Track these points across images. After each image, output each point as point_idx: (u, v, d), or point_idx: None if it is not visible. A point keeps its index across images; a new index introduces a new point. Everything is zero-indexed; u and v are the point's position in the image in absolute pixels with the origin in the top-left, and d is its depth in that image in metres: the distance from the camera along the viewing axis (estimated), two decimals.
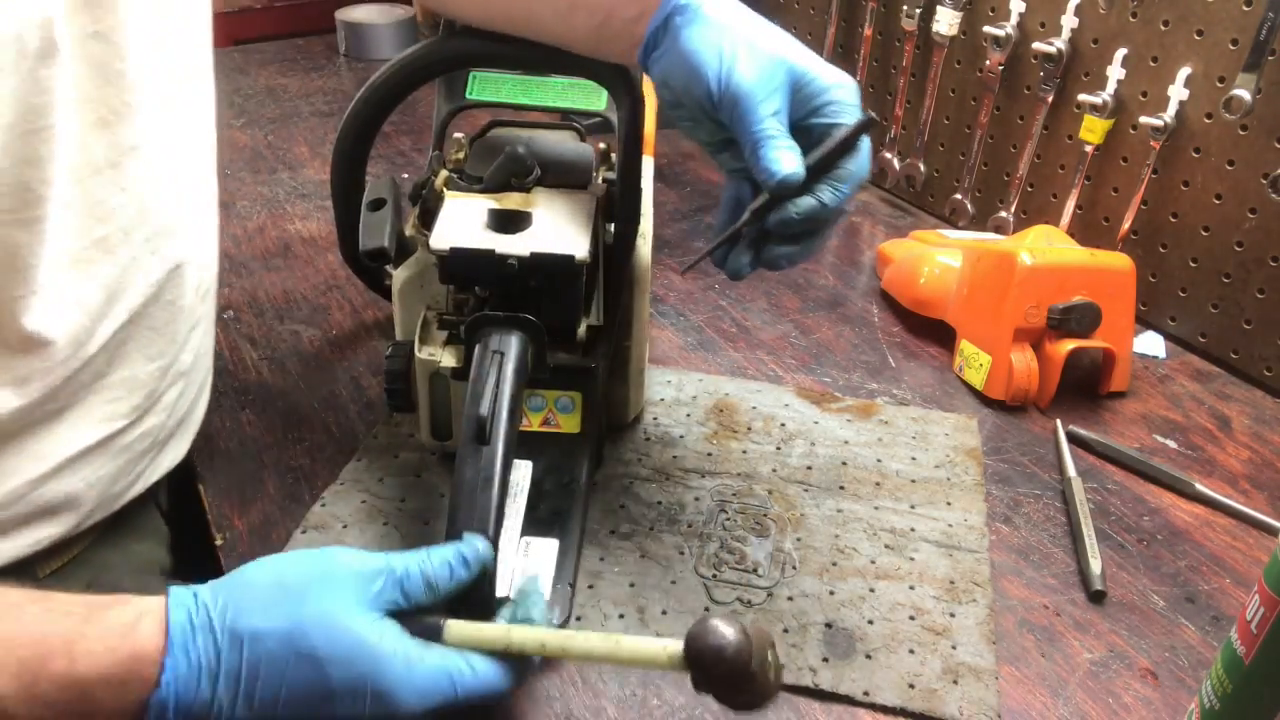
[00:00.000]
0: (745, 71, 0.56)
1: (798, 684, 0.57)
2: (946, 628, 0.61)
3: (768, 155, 0.56)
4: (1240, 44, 0.81)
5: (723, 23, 0.58)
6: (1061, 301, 0.79)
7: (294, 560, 0.48)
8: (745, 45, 0.57)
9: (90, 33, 0.53)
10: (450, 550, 0.50)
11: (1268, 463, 0.77)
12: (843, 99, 0.58)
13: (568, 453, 0.69)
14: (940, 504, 0.71)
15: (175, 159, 0.62)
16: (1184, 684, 0.59)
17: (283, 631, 0.44)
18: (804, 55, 0.58)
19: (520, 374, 0.60)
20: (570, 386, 0.68)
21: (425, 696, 0.46)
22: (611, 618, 0.61)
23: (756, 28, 0.58)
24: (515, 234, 0.64)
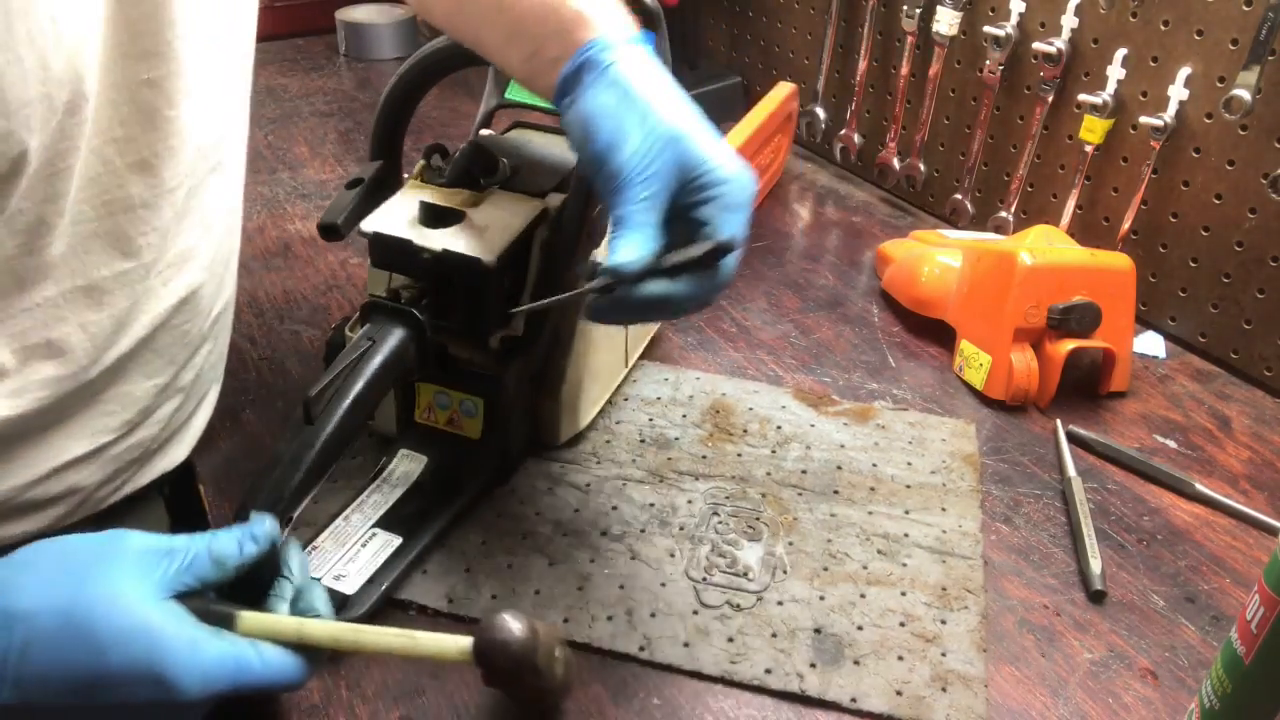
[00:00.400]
0: (630, 149, 0.55)
1: (784, 689, 0.57)
2: (937, 634, 0.61)
3: (615, 240, 0.55)
4: (1240, 44, 0.81)
5: (626, 88, 0.56)
6: (1061, 301, 0.79)
7: (78, 541, 0.47)
8: (639, 119, 0.55)
9: (143, 79, 0.54)
10: (238, 529, 0.50)
11: (1268, 463, 0.77)
12: (725, 202, 0.55)
13: (463, 457, 0.69)
14: (935, 510, 0.70)
15: (210, 197, 0.63)
16: (1184, 684, 0.59)
17: (60, 610, 0.43)
18: (702, 138, 0.56)
19: (391, 366, 0.60)
20: (475, 391, 0.68)
21: (209, 682, 0.45)
22: (600, 619, 0.61)
23: (660, 98, 0.57)
24: (440, 229, 0.65)
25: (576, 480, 0.72)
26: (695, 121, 0.56)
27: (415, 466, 0.69)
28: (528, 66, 0.62)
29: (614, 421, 0.78)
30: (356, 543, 0.64)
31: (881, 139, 1.18)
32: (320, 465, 0.56)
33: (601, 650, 0.60)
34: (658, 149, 0.55)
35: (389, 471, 0.69)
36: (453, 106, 1.34)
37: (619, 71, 0.57)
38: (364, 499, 0.67)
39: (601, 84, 0.57)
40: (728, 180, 0.55)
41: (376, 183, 0.72)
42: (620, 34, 0.59)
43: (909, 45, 1.09)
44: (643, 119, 0.55)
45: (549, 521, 0.69)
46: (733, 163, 0.56)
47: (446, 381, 0.69)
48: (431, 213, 0.67)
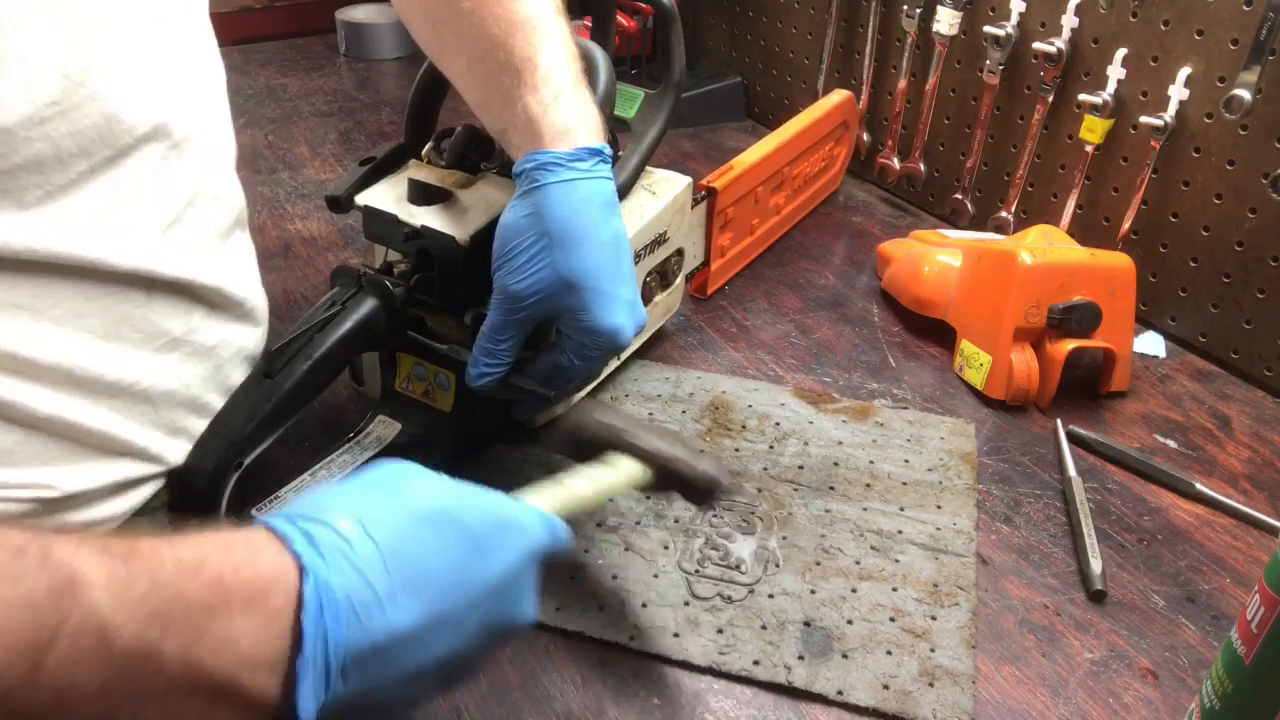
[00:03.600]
0: (522, 280, 0.57)
1: (772, 681, 0.58)
2: (926, 630, 0.61)
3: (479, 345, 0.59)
4: (1240, 44, 0.81)
5: (543, 215, 0.57)
6: (1061, 301, 0.79)
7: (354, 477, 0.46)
8: (543, 252, 0.57)
9: None
10: None
11: (1268, 463, 0.77)
12: (583, 347, 0.59)
13: (433, 428, 0.71)
14: (930, 507, 0.70)
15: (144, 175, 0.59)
16: (1184, 684, 0.59)
17: (396, 505, 0.42)
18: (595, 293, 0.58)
19: (357, 331, 0.63)
20: (448, 366, 0.69)
21: (550, 529, 0.47)
22: (590, 610, 0.62)
23: (576, 236, 0.57)
24: (425, 207, 0.68)
25: None
26: (599, 269, 0.57)
27: (389, 432, 0.71)
28: (499, 138, 0.64)
29: None
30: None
31: (882, 139, 1.18)
32: (274, 418, 0.59)
33: (592, 639, 0.60)
34: (545, 287, 0.57)
35: (364, 434, 0.71)
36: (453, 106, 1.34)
37: (545, 195, 0.58)
38: (334, 458, 0.69)
39: (525, 201, 0.58)
40: (597, 341, 0.59)
41: (388, 161, 0.73)
42: (569, 148, 0.59)
43: (909, 45, 1.09)
44: (545, 252, 0.56)
45: None
46: (615, 322, 0.58)
47: (423, 354, 0.71)
48: (419, 190, 0.69)
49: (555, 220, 0.57)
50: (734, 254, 0.98)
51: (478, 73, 0.64)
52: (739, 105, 1.40)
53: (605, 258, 0.58)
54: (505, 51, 0.61)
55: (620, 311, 0.59)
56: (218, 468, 0.57)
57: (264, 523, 0.40)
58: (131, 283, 0.54)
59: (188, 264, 0.58)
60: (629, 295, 0.60)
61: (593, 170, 0.59)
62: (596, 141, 0.60)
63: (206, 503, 0.58)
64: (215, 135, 0.63)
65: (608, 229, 0.59)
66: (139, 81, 0.53)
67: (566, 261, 0.57)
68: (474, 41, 0.63)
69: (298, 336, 0.61)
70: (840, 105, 1.10)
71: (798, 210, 1.09)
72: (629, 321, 0.59)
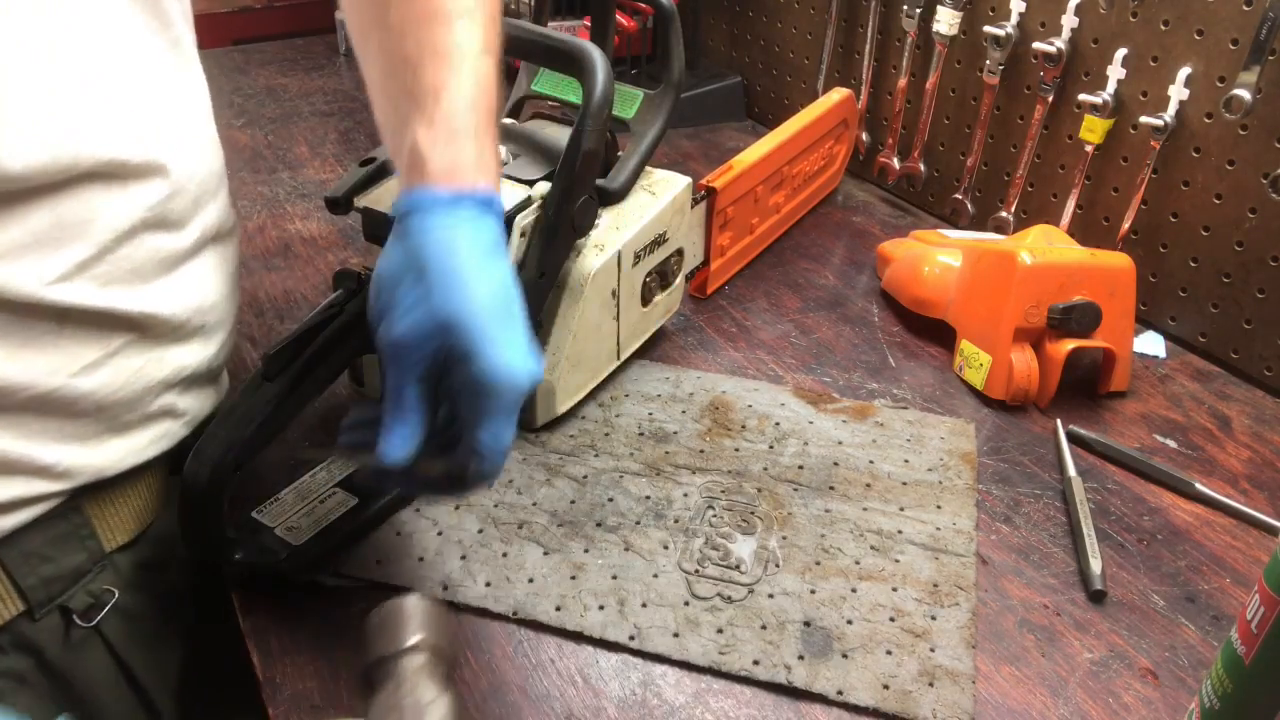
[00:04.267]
0: (400, 326, 0.52)
1: (772, 681, 0.58)
2: (926, 630, 0.61)
3: (386, 421, 0.53)
4: (1240, 44, 0.81)
5: (418, 256, 0.52)
6: (1061, 301, 0.79)
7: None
8: (420, 295, 0.52)
9: None
10: None
11: (1268, 463, 0.77)
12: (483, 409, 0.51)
13: None
14: (930, 507, 0.70)
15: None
16: (1184, 684, 0.59)
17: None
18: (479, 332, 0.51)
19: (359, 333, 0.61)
20: None
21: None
22: (591, 609, 0.62)
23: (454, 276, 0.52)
24: None
25: (574, 472, 0.72)
26: (483, 309, 0.52)
27: None
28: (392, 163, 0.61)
29: (613, 415, 0.78)
30: (316, 499, 0.67)
31: (881, 139, 1.18)
32: (274, 422, 0.59)
33: (592, 639, 0.60)
34: (427, 332, 0.51)
35: None
36: None
37: (422, 237, 0.53)
38: (334, 458, 0.69)
39: (400, 244, 0.54)
40: (492, 386, 0.51)
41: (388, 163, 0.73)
42: (453, 191, 0.54)
43: (909, 45, 1.09)
44: (424, 296, 0.52)
45: (545, 512, 0.69)
46: (507, 363, 0.51)
47: None
48: None
49: (432, 260, 0.52)
50: (734, 253, 0.98)
51: (386, 90, 0.59)
52: (739, 105, 1.40)
53: (491, 297, 0.52)
54: (413, 76, 0.56)
55: (512, 354, 0.52)
56: (217, 470, 0.57)
57: None
58: (40, 314, 0.53)
59: (111, 295, 0.56)
60: (521, 339, 0.53)
61: (476, 217, 0.54)
62: (486, 186, 0.56)
63: (207, 505, 0.58)
64: (181, 164, 0.60)
65: (492, 272, 0.54)
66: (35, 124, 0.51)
67: (446, 303, 0.51)
68: (388, 56, 0.58)
69: (298, 338, 0.61)
70: (840, 104, 1.10)
71: (797, 209, 1.09)
72: (522, 363, 0.52)
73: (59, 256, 0.53)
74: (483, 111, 0.57)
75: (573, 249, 0.73)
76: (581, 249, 0.74)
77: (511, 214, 0.69)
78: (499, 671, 0.58)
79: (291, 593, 0.63)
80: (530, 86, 0.85)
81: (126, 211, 0.56)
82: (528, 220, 0.70)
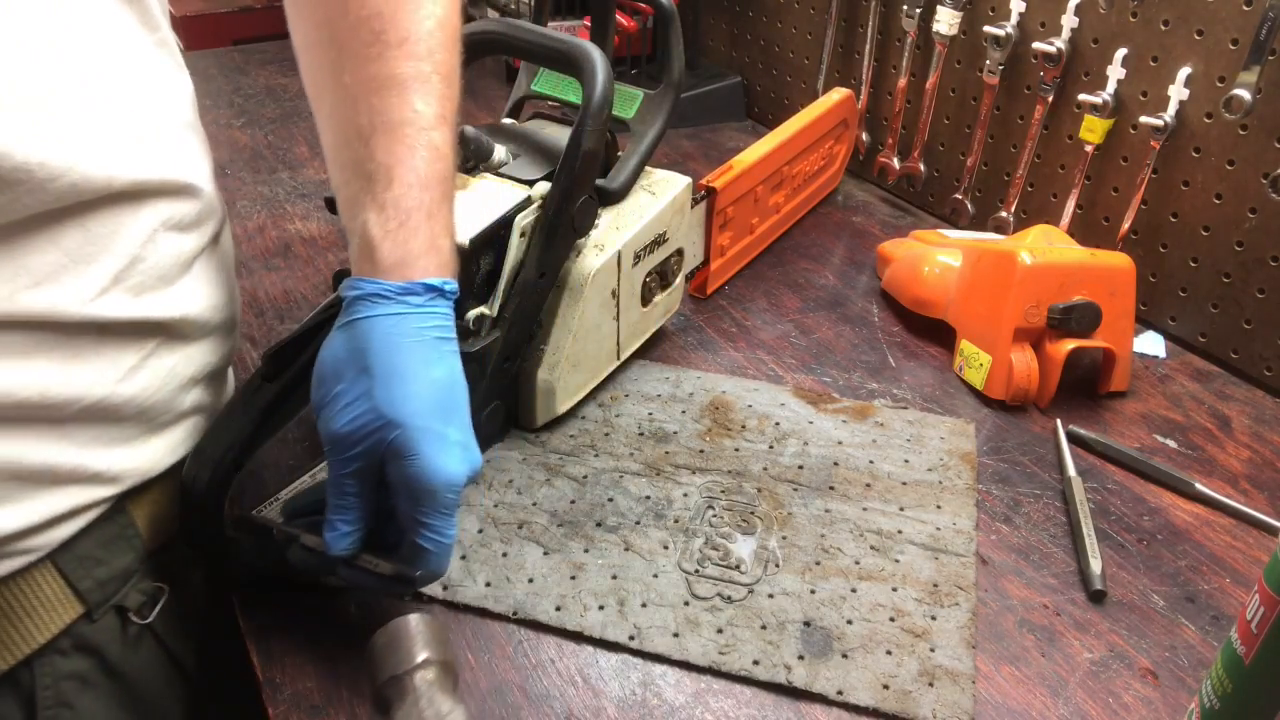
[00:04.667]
0: (340, 421, 0.52)
1: (771, 681, 0.58)
2: (926, 630, 0.61)
3: (329, 511, 0.54)
4: (1240, 44, 0.81)
5: (364, 350, 0.52)
6: (1061, 301, 0.79)
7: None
8: (362, 391, 0.51)
9: None
10: None
11: (1268, 463, 0.77)
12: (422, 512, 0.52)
13: None
14: (930, 507, 0.70)
15: None
16: (1184, 684, 0.59)
17: None
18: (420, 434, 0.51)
19: None
20: None
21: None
22: (591, 609, 0.62)
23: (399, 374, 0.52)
24: None
25: (574, 472, 0.72)
26: (423, 408, 0.52)
27: None
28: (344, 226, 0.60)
29: (614, 415, 0.78)
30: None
31: (881, 139, 1.18)
32: (274, 420, 0.59)
33: (592, 639, 0.60)
34: (367, 429, 0.51)
35: None
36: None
37: (366, 328, 0.53)
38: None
39: (344, 334, 0.53)
40: (430, 486, 0.51)
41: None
42: (402, 280, 0.54)
43: (909, 45, 1.09)
44: (366, 391, 0.52)
45: (545, 512, 0.69)
46: (444, 464, 0.52)
47: None
48: None
49: (376, 355, 0.52)
50: (734, 253, 0.98)
51: (338, 159, 0.58)
52: (739, 105, 1.40)
53: (433, 394, 0.53)
54: (365, 151, 0.56)
55: (450, 453, 0.52)
56: (218, 470, 0.57)
57: None
58: (83, 330, 0.54)
59: (144, 303, 0.57)
60: (460, 437, 0.53)
61: (425, 306, 0.54)
62: (437, 277, 0.55)
63: (208, 505, 0.58)
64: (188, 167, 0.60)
65: (439, 366, 0.54)
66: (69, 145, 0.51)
67: (389, 398, 0.51)
68: (342, 123, 0.57)
69: (298, 338, 0.61)
70: (840, 104, 1.10)
71: (797, 209, 1.09)
72: (461, 466, 0.52)
73: (94, 272, 0.54)
74: (435, 187, 0.56)
75: (573, 249, 0.74)
76: (581, 249, 0.74)
77: (511, 214, 0.69)
78: (499, 671, 0.58)
79: (291, 593, 0.63)
80: (530, 86, 0.85)
81: (148, 220, 0.57)
82: (528, 220, 0.70)
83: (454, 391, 0.54)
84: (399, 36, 0.57)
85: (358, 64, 0.57)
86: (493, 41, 0.75)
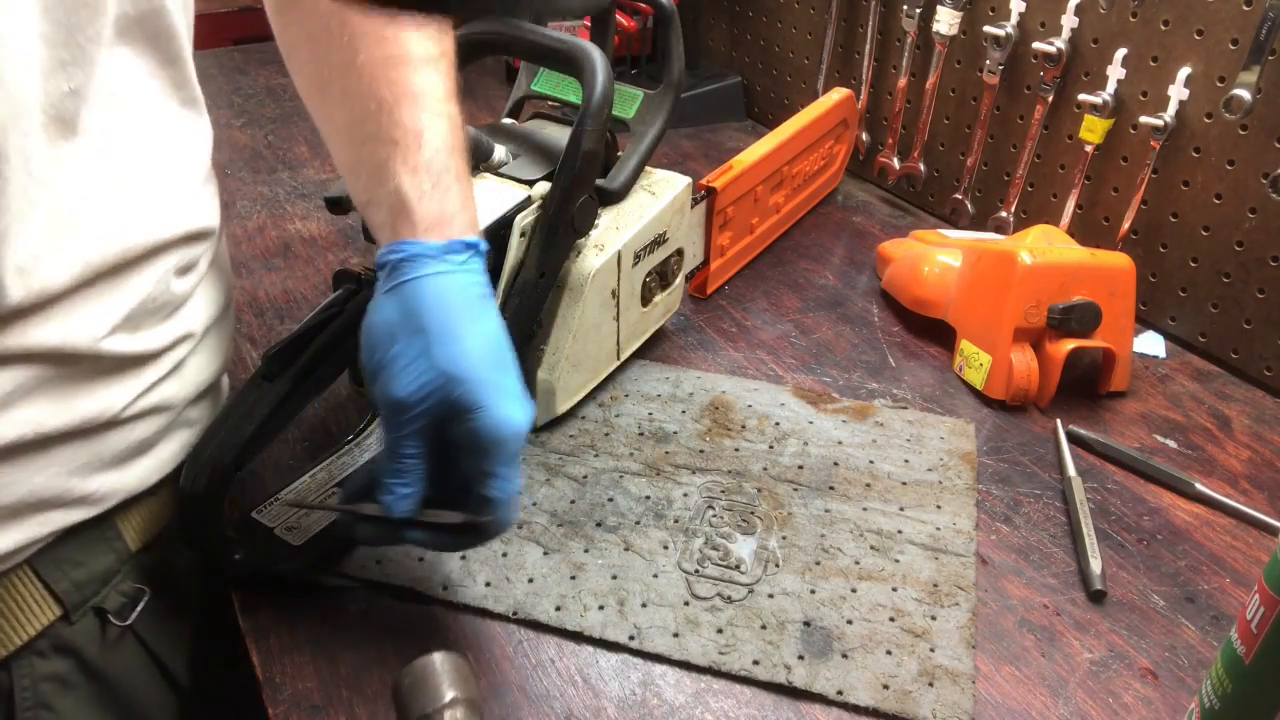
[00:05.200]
0: (400, 382, 0.52)
1: (771, 681, 0.58)
2: (926, 630, 0.61)
3: (387, 473, 0.53)
4: (1240, 44, 0.81)
5: (415, 310, 0.52)
6: (1061, 301, 0.79)
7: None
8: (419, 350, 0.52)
9: None
10: None
11: (1268, 463, 0.77)
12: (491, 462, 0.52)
13: None
14: (930, 507, 0.70)
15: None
16: (1184, 684, 0.59)
17: None
18: (481, 384, 0.52)
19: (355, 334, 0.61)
20: None
21: None
22: (591, 609, 0.62)
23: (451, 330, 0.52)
24: None
25: (574, 472, 0.72)
26: (482, 362, 0.53)
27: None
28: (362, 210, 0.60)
29: (613, 415, 0.78)
30: (316, 499, 0.67)
31: (881, 139, 1.18)
32: (274, 422, 0.59)
33: (592, 639, 0.60)
34: (429, 388, 0.52)
35: (364, 435, 0.71)
36: None
37: (415, 289, 0.53)
38: (333, 459, 0.69)
39: (392, 297, 0.54)
40: (497, 437, 0.52)
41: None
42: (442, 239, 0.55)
43: (909, 45, 1.09)
44: (423, 350, 0.52)
45: (545, 512, 0.69)
46: (509, 414, 0.52)
47: None
48: None
49: (430, 314, 0.53)
50: (734, 253, 0.98)
51: (356, 134, 0.59)
52: (739, 105, 1.40)
53: (488, 348, 0.54)
54: (390, 119, 0.56)
55: (513, 404, 0.53)
56: (217, 471, 0.57)
57: None
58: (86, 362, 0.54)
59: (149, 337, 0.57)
60: (517, 387, 0.55)
61: (467, 264, 0.55)
62: (472, 235, 0.57)
63: (207, 505, 0.58)
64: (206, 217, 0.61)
65: (488, 321, 0.55)
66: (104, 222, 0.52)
67: (449, 355, 0.52)
68: (360, 100, 0.58)
69: (298, 338, 0.61)
70: (840, 104, 1.10)
71: (797, 209, 1.09)
72: (522, 414, 0.53)
73: (109, 311, 0.54)
74: (460, 158, 0.58)
75: (572, 249, 0.73)
76: (581, 249, 0.74)
77: (511, 214, 0.69)
78: (499, 671, 0.58)
79: (291, 593, 0.63)
80: (530, 86, 0.85)
81: (164, 265, 0.58)
82: (528, 220, 0.70)
83: (504, 344, 0.55)
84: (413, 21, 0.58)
85: (373, 44, 0.58)
86: (493, 41, 0.75)
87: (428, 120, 0.57)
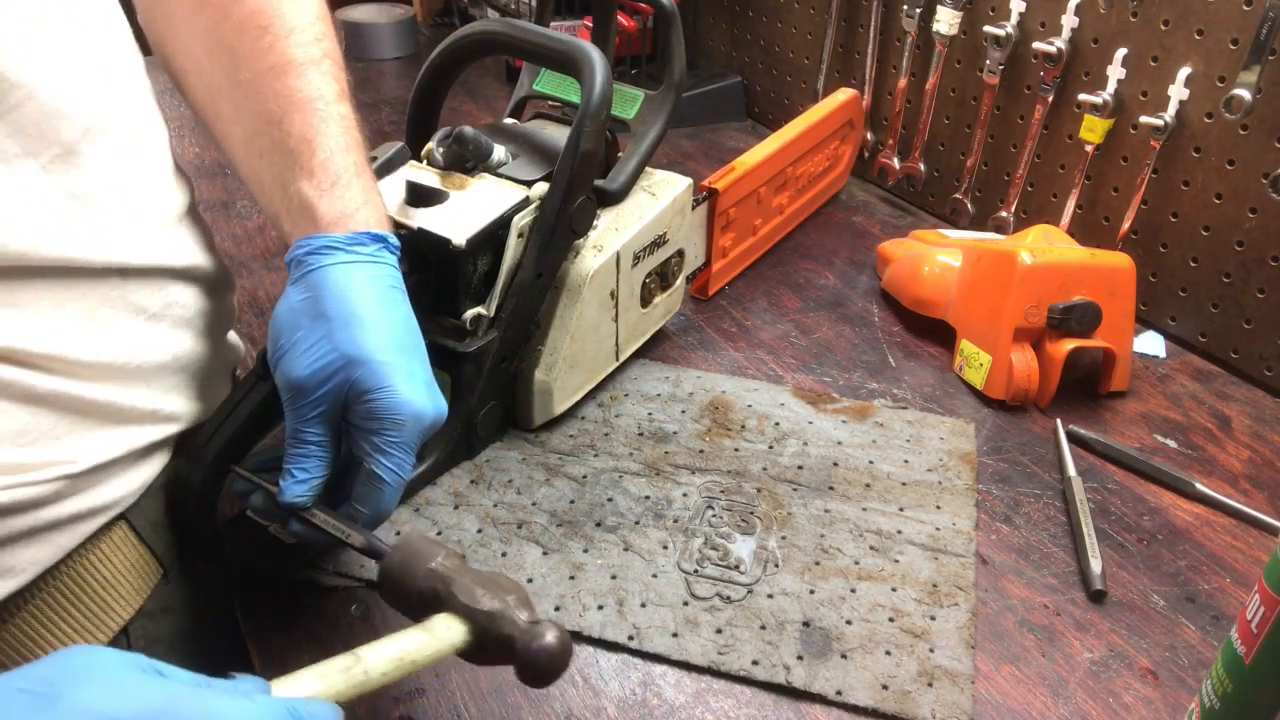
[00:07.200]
0: (303, 365, 0.52)
1: (771, 681, 0.58)
2: (925, 630, 0.61)
3: (288, 459, 0.54)
4: (1240, 44, 0.81)
5: (320, 297, 0.53)
6: (1061, 301, 0.79)
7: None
8: (322, 334, 0.52)
9: None
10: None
11: (1268, 462, 0.77)
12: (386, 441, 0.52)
13: None
14: (930, 507, 0.70)
15: None
16: (1184, 684, 0.59)
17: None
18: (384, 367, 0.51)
19: None
20: (443, 366, 0.69)
21: None
22: (590, 609, 0.62)
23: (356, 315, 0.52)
24: (422, 209, 0.68)
25: (573, 472, 0.72)
26: (385, 345, 0.52)
27: None
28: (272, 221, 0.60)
29: (613, 415, 0.78)
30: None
31: (882, 139, 1.18)
32: (269, 419, 0.59)
33: (592, 639, 0.60)
34: (329, 369, 0.52)
35: None
36: (452, 106, 1.34)
37: (320, 277, 0.54)
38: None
39: (298, 287, 0.54)
40: (395, 416, 0.52)
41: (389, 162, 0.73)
42: (349, 233, 0.55)
43: (909, 45, 1.09)
44: (325, 334, 0.52)
45: (545, 512, 0.69)
46: (411, 397, 0.52)
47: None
48: (416, 192, 0.69)
49: (332, 300, 0.53)
50: (736, 254, 0.98)
51: (251, 149, 0.59)
52: (739, 105, 1.40)
53: (393, 333, 0.54)
54: (281, 131, 0.57)
55: (417, 388, 0.53)
56: (212, 469, 0.57)
57: None
58: (105, 274, 0.54)
59: (154, 251, 0.57)
60: (425, 375, 0.54)
61: (375, 256, 0.55)
62: (379, 228, 0.57)
63: (201, 502, 0.58)
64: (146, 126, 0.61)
65: (395, 310, 0.55)
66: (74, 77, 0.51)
67: (350, 338, 0.52)
68: (250, 115, 0.59)
69: None
70: (845, 105, 1.09)
71: (802, 210, 1.09)
72: (425, 400, 0.53)
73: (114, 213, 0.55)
74: (355, 152, 0.58)
75: (571, 250, 0.74)
76: (580, 250, 0.74)
77: (509, 214, 0.69)
78: (499, 671, 0.58)
79: (291, 593, 0.63)
80: (532, 86, 0.85)
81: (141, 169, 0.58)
82: (525, 220, 0.70)
83: (414, 334, 0.55)
84: (285, 28, 0.59)
85: (252, 58, 0.59)
86: (492, 41, 0.75)
87: (318, 125, 0.58)
